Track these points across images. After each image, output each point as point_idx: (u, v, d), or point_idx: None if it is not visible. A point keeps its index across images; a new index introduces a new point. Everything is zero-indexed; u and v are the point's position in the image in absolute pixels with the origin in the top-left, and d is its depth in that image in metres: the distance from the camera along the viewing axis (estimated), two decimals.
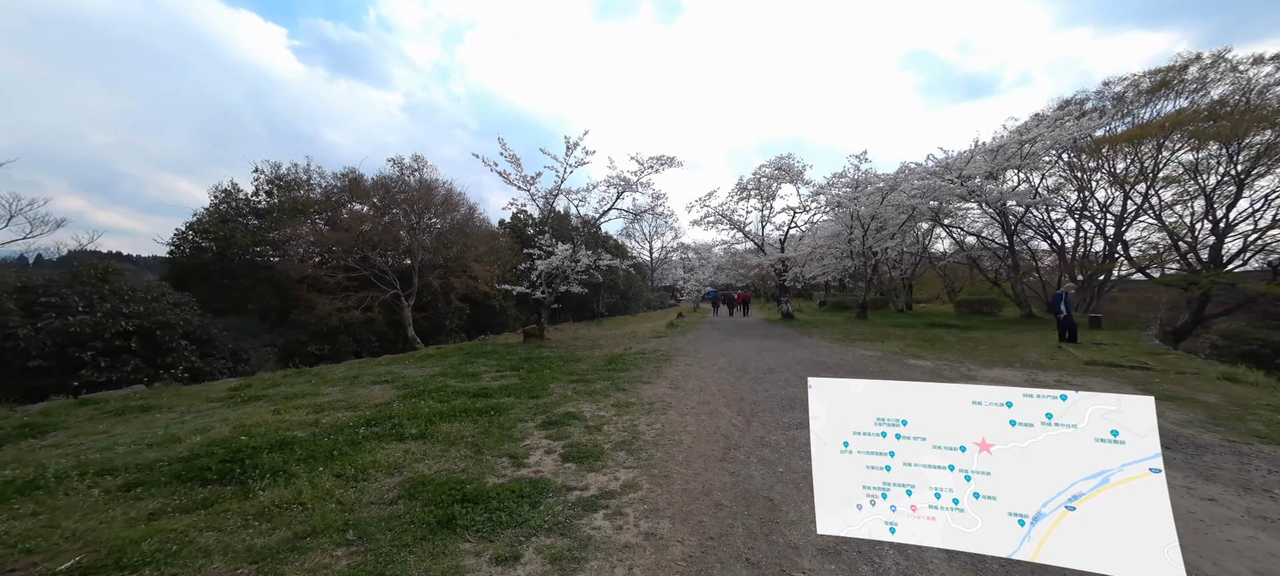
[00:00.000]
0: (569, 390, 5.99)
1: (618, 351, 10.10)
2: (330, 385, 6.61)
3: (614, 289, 27.46)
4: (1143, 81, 19.42)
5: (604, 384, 6.37)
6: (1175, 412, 4.49)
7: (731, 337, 12.48)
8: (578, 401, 5.37)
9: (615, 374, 7.17)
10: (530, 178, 10.77)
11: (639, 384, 6.38)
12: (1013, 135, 17.67)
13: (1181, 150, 17.51)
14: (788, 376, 6.74)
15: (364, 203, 14.82)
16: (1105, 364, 7.10)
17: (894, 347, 9.99)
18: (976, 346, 10.13)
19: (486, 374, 7.48)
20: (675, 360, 8.59)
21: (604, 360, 8.67)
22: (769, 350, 9.68)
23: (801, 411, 4.79)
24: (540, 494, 2.82)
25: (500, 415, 4.69)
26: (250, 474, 3.02)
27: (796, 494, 2.86)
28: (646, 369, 7.62)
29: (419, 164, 15.63)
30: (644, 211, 14.85)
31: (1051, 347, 9.80)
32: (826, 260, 20.68)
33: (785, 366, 7.61)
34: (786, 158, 17.93)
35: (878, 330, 13.81)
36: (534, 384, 6.40)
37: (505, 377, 7.07)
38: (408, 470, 3.22)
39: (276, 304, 12.56)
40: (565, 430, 4.20)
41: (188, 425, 4.40)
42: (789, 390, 5.81)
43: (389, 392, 5.97)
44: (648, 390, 5.98)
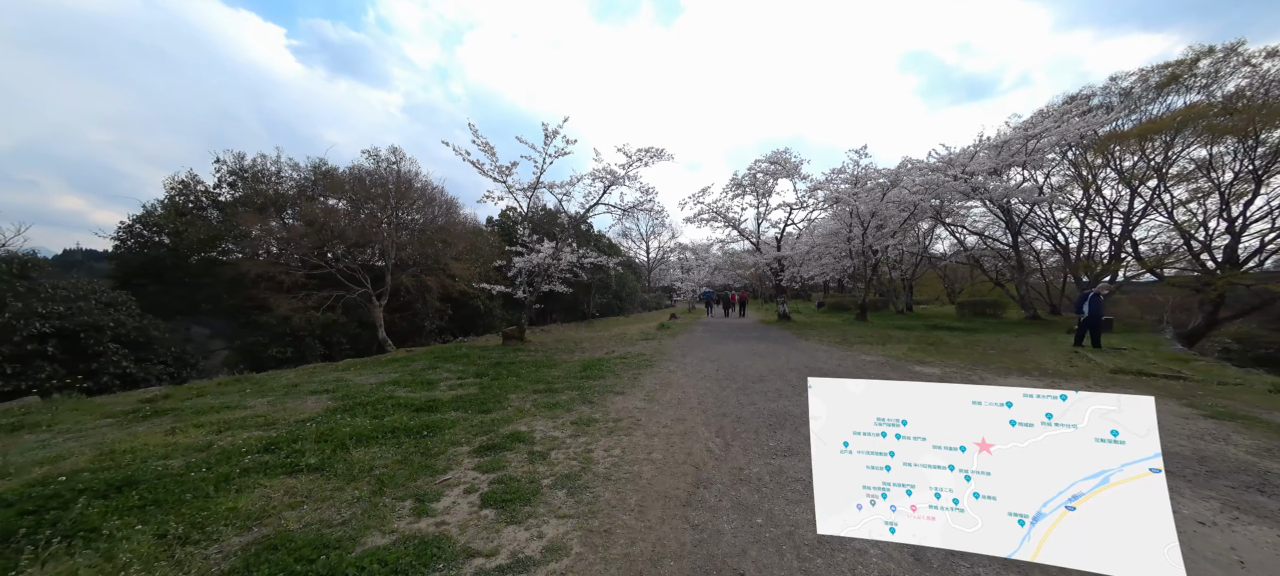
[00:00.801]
0: (529, 402, 5.24)
1: (599, 355, 9.36)
2: (263, 395, 5.84)
3: (606, 289, 26.67)
4: (1151, 76, 18.78)
5: (571, 394, 5.62)
6: (1244, 437, 3.75)
7: (723, 340, 11.74)
8: (533, 417, 4.61)
9: (587, 382, 6.42)
10: (505, 168, 9.98)
11: (610, 395, 5.63)
12: (1018, 130, 16.97)
13: (1193, 146, 16.87)
14: (779, 386, 5.99)
15: (339, 196, 14.03)
16: (1134, 372, 6.36)
17: (897, 352, 9.25)
18: (985, 351, 9.40)
19: (445, 381, 6.73)
20: (658, 365, 7.84)
21: (580, 365, 7.92)
22: (761, 355, 8.93)
23: (793, 431, 4.05)
24: (425, 565, 2.06)
25: (434, 435, 3.94)
26: (43, 531, 2.26)
27: (778, 563, 2.11)
28: (624, 376, 6.86)
29: (397, 156, 14.84)
30: (633, 207, 14.09)
31: (1067, 352, 9.07)
32: (825, 259, 19.95)
33: (777, 374, 6.86)
34: (783, 152, 17.17)
35: (878, 333, 13.08)
36: (492, 394, 5.65)
37: (463, 386, 6.32)
38: (270, 522, 2.46)
39: (234, 304, 11.71)
40: (503, 457, 3.44)
41: (39, 452, 3.63)
42: (780, 403, 5.06)
43: (322, 405, 5.20)
44: (618, 403, 5.22)
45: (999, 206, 20.04)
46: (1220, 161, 15.49)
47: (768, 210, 18.99)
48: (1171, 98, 18.14)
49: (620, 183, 13.14)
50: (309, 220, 12.18)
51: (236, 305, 11.61)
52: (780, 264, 18.78)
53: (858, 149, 16.44)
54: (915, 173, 15.35)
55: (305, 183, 14.15)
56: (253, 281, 11.42)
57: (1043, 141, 15.51)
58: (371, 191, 13.81)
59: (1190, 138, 15.72)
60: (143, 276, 12.23)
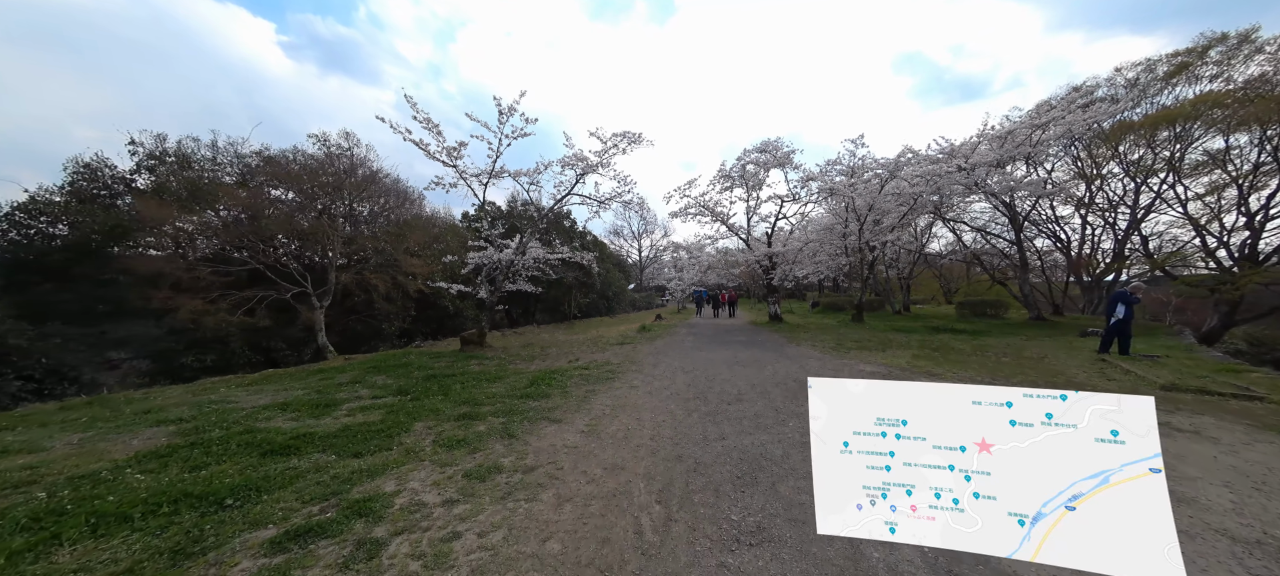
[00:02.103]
0: (430, 438, 4.00)
1: (559, 365, 8.13)
2: (91, 427, 4.54)
3: (589, 288, 25.35)
4: (1159, 66, 17.87)
5: (493, 423, 4.39)
6: None
7: (705, 345, 10.53)
8: (419, 464, 3.38)
9: (524, 403, 5.19)
10: (454, 149, 8.67)
11: (543, 424, 4.40)
12: (1023, 120, 15.90)
13: (1207, 138, 15.96)
14: (759, 409, 4.79)
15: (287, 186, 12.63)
16: (1192, 389, 5.22)
17: (899, 360, 8.10)
18: (998, 359, 8.26)
19: (353, 402, 5.47)
20: (620, 378, 6.62)
21: (530, 379, 6.69)
22: (745, 364, 7.73)
23: (767, 492, 2.84)
24: None
25: (242, 505, 2.69)
26: None
27: None
28: (573, 394, 5.64)
29: (351, 142, 13.38)
30: (610, 199, 12.83)
31: (1092, 360, 7.95)
32: (820, 257, 18.82)
33: (759, 391, 5.66)
34: (774, 142, 15.98)
35: (876, 336, 11.93)
36: (394, 423, 4.42)
37: (370, 409, 5.07)
38: None
39: (141, 306, 10.20)
40: (310, 552, 2.20)
41: None
42: (756, 438, 3.86)
43: (152, 443, 3.93)
44: (547, 438, 3.99)
45: (1002, 201, 19.05)
46: (1240, 152, 14.53)
47: (758, 203, 17.80)
48: (1180, 88, 17.27)
49: (594, 170, 11.93)
50: (242, 209, 10.73)
51: (146, 308, 10.12)
52: (772, 261, 17.60)
53: (854, 138, 15.27)
54: (915, 163, 14.20)
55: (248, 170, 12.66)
56: (154, 280, 9.88)
57: (1049, 132, 14.41)
58: (321, 180, 12.41)
59: (1206, 126, 14.73)
60: (31, 273, 10.40)
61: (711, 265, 19.99)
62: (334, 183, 12.24)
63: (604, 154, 11.61)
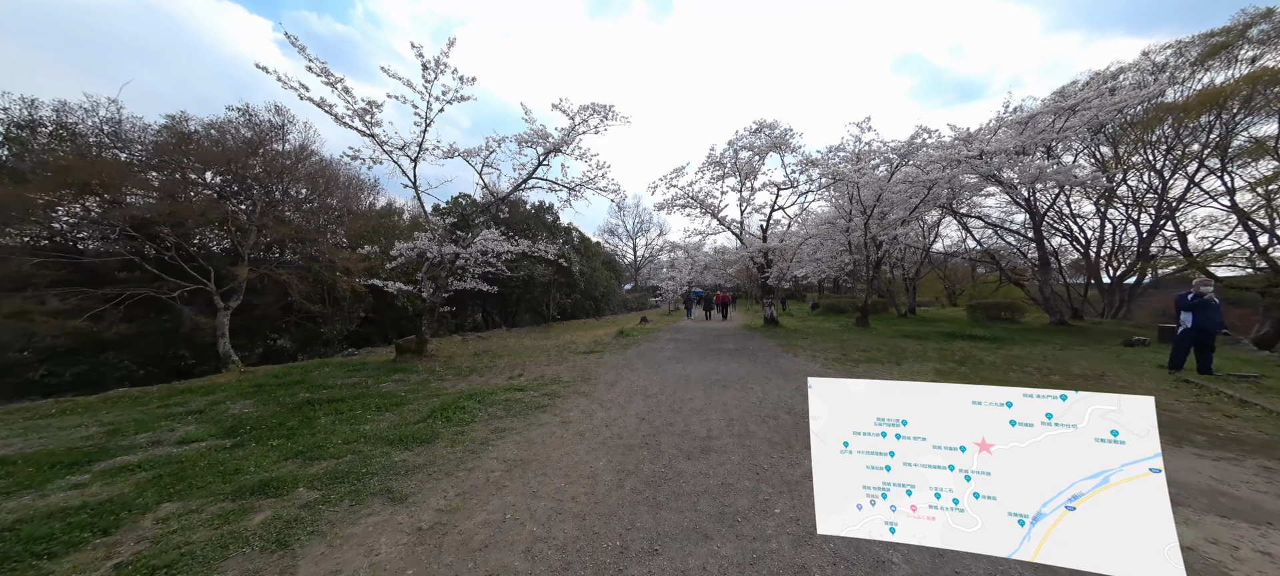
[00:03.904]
0: (147, 542, 2.29)
1: (495, 383, 6.44)
2: None
3: (572, 287, 23.58)
4: (1191, 48, 16.28)
5: (288, 509, 2.69)
6: None
7: (685, 355, 8.82)
8: None
9: (388, 455, 3.50)
10: (365, 111, 6.86)
11: (371, 504, 2.69)
12: (1050, 101, 14.21)
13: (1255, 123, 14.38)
14: (735, 464, 3.07)
15: (208, 167, 10.89)
16: None
17: (918, 375, 6.39)
18: (1045, 377, 6.55)
19: (140, 451, 3.77)
20: (555, 406, 4.91)
21: (437, 406, 4.99)
22: (726, 382, 6.01)
23: None
24: None
25: None
26: None
27: None
28: (469, 438, 3.93)
29: (281, 116, 11.56)
30: (580, 185, 11.11)
31: (1164, 379, 6.25)
32: (820, 254, 17.12)
33: (737, 430, 3.94)
34: (770, 123, 14.26)
35: (886, 344, 10.23)
36: (127, 502, 2.73)
37: (143, 468, 3.37)
38: None
39: None
40: None
41: None
42: (716, 550, 2.14)
43: None
44: (349, 548, 2.29)
45: (1021, 194, 17.37)
46: None
47: (752, 193, 16.09)
48: (1214, 72, 15.71)
49: (560, 150, 10.23)
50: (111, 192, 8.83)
51: None
52: (767, 259, 15.88)
53: (860, 121, 13.56)
54: (931, 147, 12.48)
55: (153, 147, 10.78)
56: None
57: (1076, 118, 12.69)
58: (247, 160, 10.64)
59: (1263, 107, 13.08)
60: None
61: (708, 265, 18.31)
62: (233, 158, 10.29)
63: (571, 132, 9.94)
